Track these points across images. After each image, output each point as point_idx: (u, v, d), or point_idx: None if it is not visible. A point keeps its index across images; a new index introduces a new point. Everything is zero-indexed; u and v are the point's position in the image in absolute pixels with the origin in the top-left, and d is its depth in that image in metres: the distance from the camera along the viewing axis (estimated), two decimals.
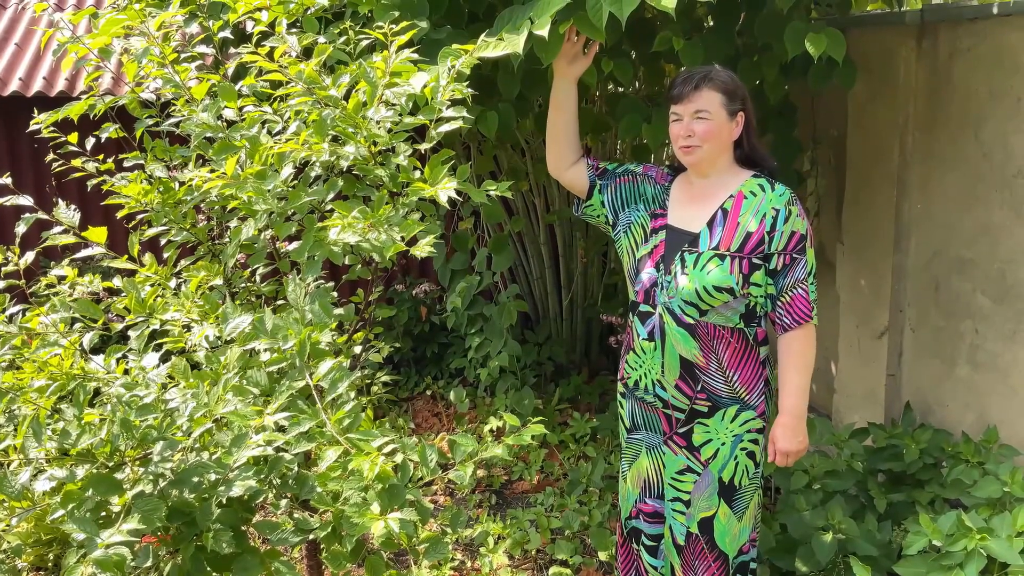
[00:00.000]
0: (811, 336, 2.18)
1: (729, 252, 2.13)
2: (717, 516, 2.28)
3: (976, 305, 2.85)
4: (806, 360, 2.19)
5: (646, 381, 2.27)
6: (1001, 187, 2.70)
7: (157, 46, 2.07)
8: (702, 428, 2.25)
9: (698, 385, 2.21)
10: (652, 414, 2.31)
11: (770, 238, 2.12)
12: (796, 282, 2.14)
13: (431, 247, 1.93)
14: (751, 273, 2.13)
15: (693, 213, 2.21)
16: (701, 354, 2.18)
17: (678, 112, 2.14)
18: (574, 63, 2.34)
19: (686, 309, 2.16)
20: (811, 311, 2.16)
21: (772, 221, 2.12)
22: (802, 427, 2.21)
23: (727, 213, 2.16)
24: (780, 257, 2.13)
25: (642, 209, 2.29)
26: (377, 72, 1.91)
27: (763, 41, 2.76)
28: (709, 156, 2.15)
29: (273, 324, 1.84)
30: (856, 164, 3.29)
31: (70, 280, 2.16)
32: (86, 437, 1.46)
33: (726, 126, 2.15)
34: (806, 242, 2.15)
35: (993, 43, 2.66)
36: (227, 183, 1.84)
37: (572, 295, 4.48)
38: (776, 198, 2.14)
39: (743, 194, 2.17)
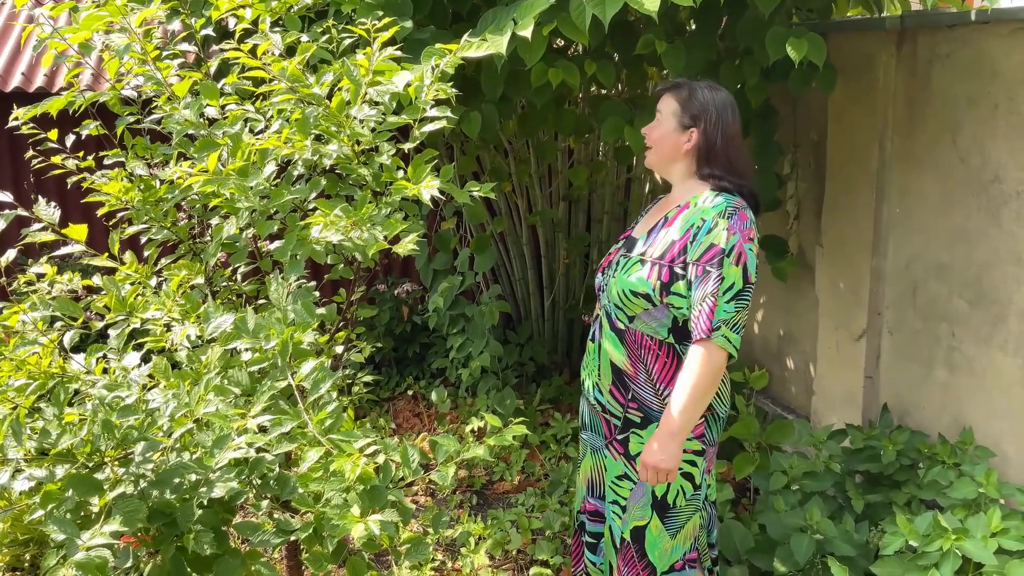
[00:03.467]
0: (709, 355, 2.01)
1: (651, 259, 2.12)
2: (649, 527, 2.23)
3: (953, 309, 2.89)
4: (696, 377, 2.01)
5: (588, 383, 2.31)
6: (978, 192, 2.73)
7: (139, 43, 2.06)
8: (637, 439, 2.20)
9: (629, 394, 2.19)
10: (596, 416, 2.32)
11: (691, 247, 2.06)
12: (705, 295, 2.01)
13: (414, 245, 1.93)
14: (671, 283, 2.07)
15: (649, 221, 2.24)
16: (628, 362, 2.17)
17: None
18: None
19: (616, 313, 2.19)
20: (710, 328, 1.99)
21: (696, 231, 2.06)
22: (673, 445, 2.05)
23: (667, 221, 2.15)
24: (694, 267, 2.04)
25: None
26: (360, 70, 1.91)
27: (745, 45, 2.78)
28: (657, 162, 2.20)
29: (255, 323, 1.84)
30: (836, 168, 3.32)
31: (49, 278, 2.14)
32: (66, 437, 1.45)
33: (672, 135, 2.14)
34: (724, 256, 2.01)
35: (971, 50, 2.70)
36: (209, 178, 1.83)
37: (554, 296, 4.49)
38: (709, 209, 2.07)
39: (688, 204, 2.14)
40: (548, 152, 4.10)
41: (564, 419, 3.95)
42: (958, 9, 2.88)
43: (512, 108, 3.17)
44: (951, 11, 2.76)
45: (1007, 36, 2.57)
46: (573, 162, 4.37)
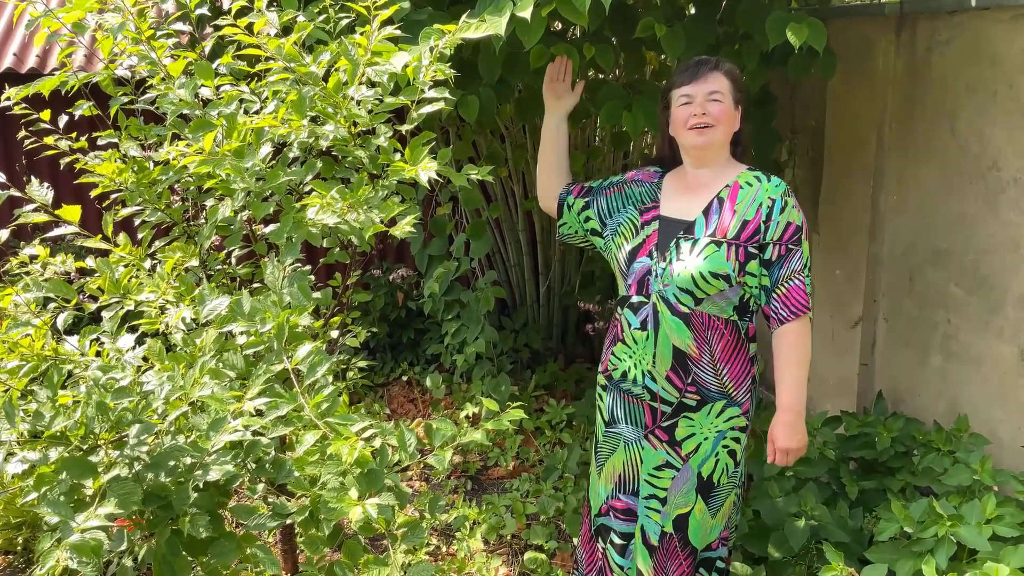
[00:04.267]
0: (807, 330, 2.16)
1: (726, 239, 2.12)
2: (693, 513, 2.27)
3: (950, 296, 2.89)
4: (803, 354, 2.15)
5: (635, 372, 2.25)
6: (976, 179, 2.73)
7: (133, 22, 2.03)
8: (687, 422, 2.24)
9: (689, 377, 2.20)
10: (636, 406, 2.29)
11: (766, 227, 2.11)
12: (792, 273, 2.12)
13: (411, 228, 1.91)
14: (747, 262, 2.12)
15: (687, 203, 2.20)
16: (694, 344, 2.17)
17: (690, 93, 2.13)
18: (562, 100, 2.40)
19: (681, 297, 2.15)
20: (808, 303, 2.14)
21: (768, 210, 2.12)
22: (801, 424, 2.18)
23: (723, 202, 2.16)
24: (776, 247, 2.12)
25: (631, 208, 2.29)
26: (358, 50, 1.89)
27: (744, 30, 2.76)
28: (720, 139, 2.16)
29: (251, 306, 1.82)
30: (833, 155, 3.31)
31: (42, 259, 2.12)
32: (60, 419, 1.43)
33: (733, 113, 2.16)
34: (801, 234, 2.14)
35: (971, 36, 2.69)
36: (204, 159, 1.81)
37: (549, 282, 4.48)
38: (772, 188, 2.15)
39: (739, 184, 2.17)
40: None
41: (559, 405, 3.95)
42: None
43: (510, 92, 3.14)
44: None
45: (1007, 22, 2.56)
46: (570, 148, 4.34)
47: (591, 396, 3.93)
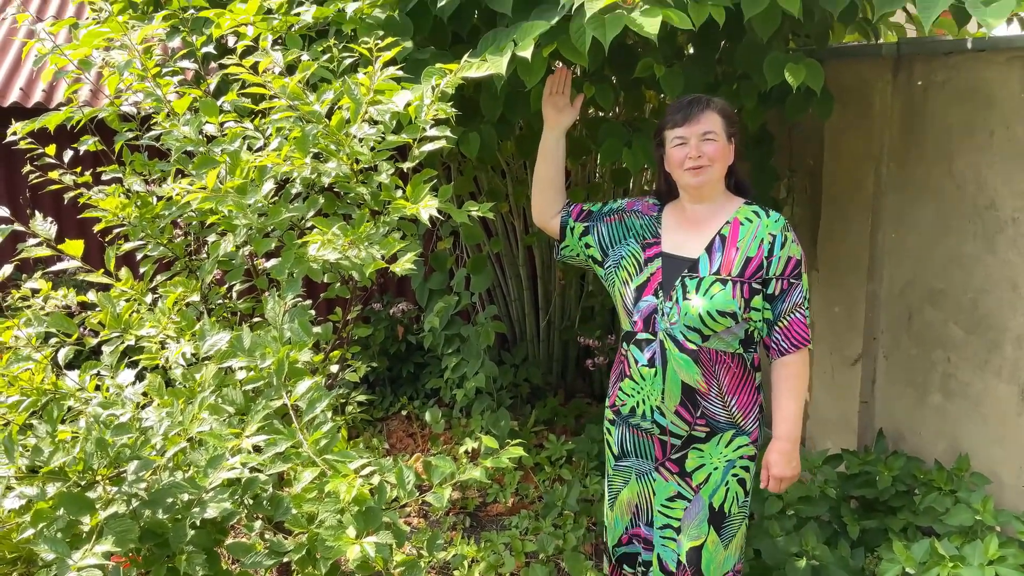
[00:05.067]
0: (806, 362, 2.20)
1: (730, 277, 2.14)
2: (705, 545, 2.28)
3: (948, 334, 2.89)
4: (801, 386, 2.20)
5: (644, 408, 2.26)
6: (973, 218, 2.74)
7: (139, 59, 2.06)
8: (696, 453, 2.25)
9: (698, 411, 2.21)
10: (645, 440, 2.30)
11: (768, 263, 2.15)
12: (794, 306, 2.16)
13: (411, 264, 1.92)
14: (751, 298, 2.15)
15: (689, 239, 2.22)
16: (703, 380, 2.18)
17: (683, 135, 2.16)
18: (562, 113, 2.41)
19: (688, 335, 2.16)
20: (808, 336, 2.18)
21: (770, 246, 2.15)
22: (796, 453, 2.21)
23: (725, 239, 2.18)
24: (778, 282, 2.15)
25: (632, 242, 2.29)
26: (361, 89, 1.91)
27: (742, 70, 2.79)
28: (716, 176, 2.19)
29: (251, 342, 1.82)
30: (831, 193, 3.33)
31: (44, 293, 2.12)
32: (59, 455, 1.43)
33: (727, 148, 2.19)
34: (801, 267, 2.18)
35: (967, 77, 2.72)
36: (208, 195, 1.83)
37: (550, 317, 4.48)
38: (772, 224, 2.18)
39: (739, 220, 2.19)
40: None
41: (559, 441, 3.93)
42: (954, 36, 2.90)
43: (511, 129, 3.17)
44: (947, 38, 2.79)
45: (1003, 64, 2.59)
46: (570, 183, 4.37)
47: (591, 432, 3.91)
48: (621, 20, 2.02)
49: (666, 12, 2.00)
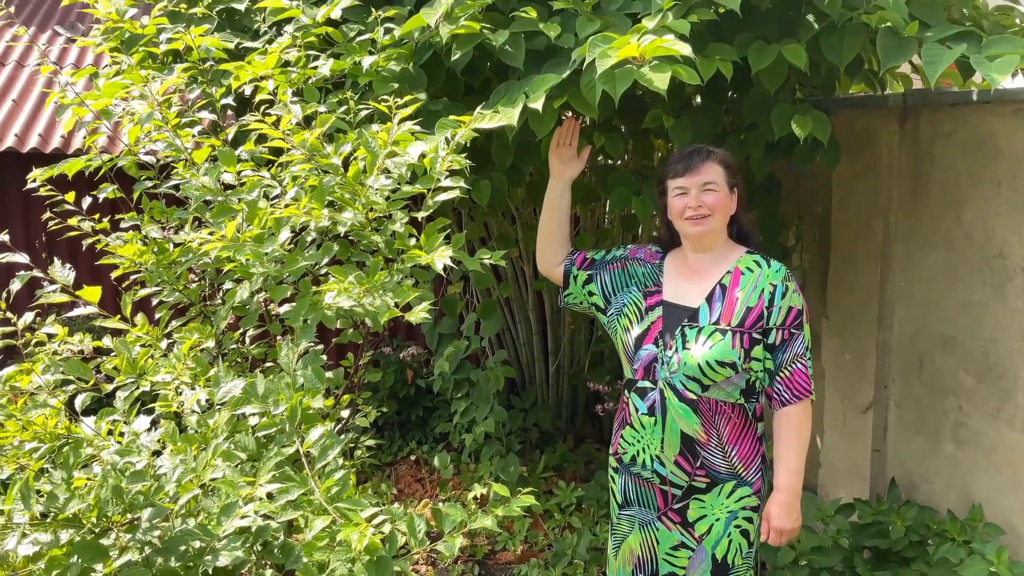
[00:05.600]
0: (808, 412, 2.18)
1: (730, 327, 2.15)
2: None
3: (960, 383, 2.88)
4: (804, 437, 2.18)
5: (644, 457, 2.26)
6: (982, 267, 2.75)
7: (160, 111, 2.11)
8: (698, 504, 2.24)
9: (697, 461, 2.20)
10: (647, 490, 2.29)
11: (768, 313, 2.15)
12: (795, 357, 2.16)
13: (425, 313, 1.94)
14: (752, 348, 2.15)
15: (690, 288, 2.23)
16: (702, 430, 2.18)
17: (683, 186, 2.19)
18: (568, 165, 2.45)
19: (688, 384, 2.17)
20: (810, 386, 2.17)
21: (770, 296, 2.15)
22: (797, 505, 2.19)
23: (725, 288, 2.19)
24: (779, 332, 2.15)
25: (634, 290, 2.31)
26: (379, 141, 1.95)
27: (750, 120, 2.83)
28: (717, 226, 2.20)
29: (265, 388, 1.84)
30: (840, 241, 3.35)
31: (60, 338, 2.15)
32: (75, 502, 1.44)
33: (728, 198, 2.21)
34: (803, 317, 2.18)
35: (974, 128, 2.75)
36: (226, 245, 1.86)
37: (559, 361, 4.48)
38: (773, 274, 2.19)
39: (740, 270, 2.20)
40: None
41: (568, 487, 3.91)
42: (960, 88, 2.95)
43: (521, 177, 3.22)
44: (953, 90, 2.82)
45: (1009, 116, 2.62)
46: (579, 229, 4.41)
47: (601, 478, 3.89)
48: (631, 75, 2.06)
49: (675, 68, 2.04)
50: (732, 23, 2.43)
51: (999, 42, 2.10)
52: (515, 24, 2.35)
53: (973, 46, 2.12)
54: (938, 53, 2.08)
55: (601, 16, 2.37)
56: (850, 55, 2.32)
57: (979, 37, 2.16)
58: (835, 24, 2.33)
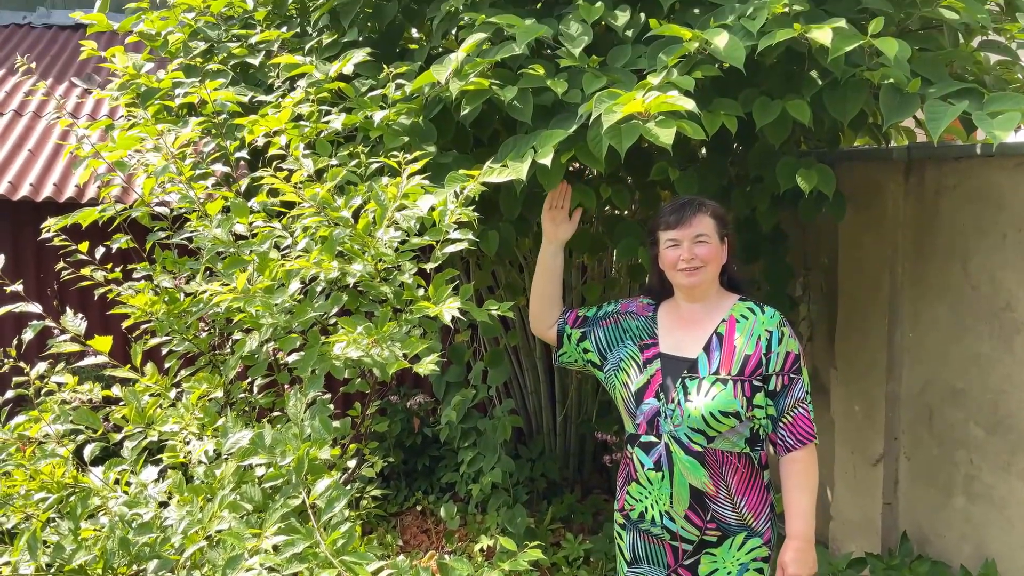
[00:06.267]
0: (814, 457, 2.18)
1: (730, 376, 2.15)
2: None
3: (970, 435, 2.87)
4: (812, 481, 2.17)
5: (653, 512, 2.23)
6: (990, 319, 2.75)
7: (175, 164, 2.15)
8: (709, 558, 2.21)
9: (708, 514, 2.18)
10: (656, 546, 2.26)
11: (767, 359, 2.15)
12: (796, 402, 2.16)
13: (434, 365, 1.95)
14: (753, 396, 2.15)
15: (686, 339, 2.24)
16: (711, 482, 2.16)
17: (675, 238, 2.20)
18: (560, 227, 2.48)
19: (693, 437, 2.16)
20: (813, 431, 2.17)
21: (767, 343, 2.16)
22: (811, 551, 2.17)
23: (722, 338, 2.19)
24: (779, 378, 2.16)
25: (630, 344, 2.30)
26: (388, 195, 1.98)
27: (755, 173, 2.86)
28: (709, 278, 2.22)
29: (272, 439, 1.85)
30: (847, 291, 3.36)
31: (70, 387, 2.16)
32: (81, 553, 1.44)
33: (720, 250, 2.22)
34: (800, 362, 2.19)
35: (978, 181, 2.77)
36: (237, 296, 1.88)
37: (566, 411, 4.46)
38: (768, 320, 2.20)
39: (735, 318, 2.21)
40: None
41: (576, 540, 3.86)
42: (963, 142, 2.98)
43: (529, 227, 3.25)
44: (957, 143, 2.85)
45: (1012, 169, 2.65)
46: (586, 279, 4.43)
47: (608, 530, 3.84)
48: (637, 130, 2.10)
49: (680, 123, 2.07)
50: (736, 78, 2.48)
51: (1000, 99, 2.13)
52: (523, 80, 2.39)
53: (975, 103, 2.15)
54: (941, 110, 2.12)
55: (607, 72, 2.41)
56: (853, 111, 2.35)
57: (981, 94, 2.19)
58: (838, 80, 2.37)
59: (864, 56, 2.32)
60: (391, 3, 2.98)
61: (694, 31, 2.26)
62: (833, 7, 2.48)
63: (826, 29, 2.15)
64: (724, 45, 2.18)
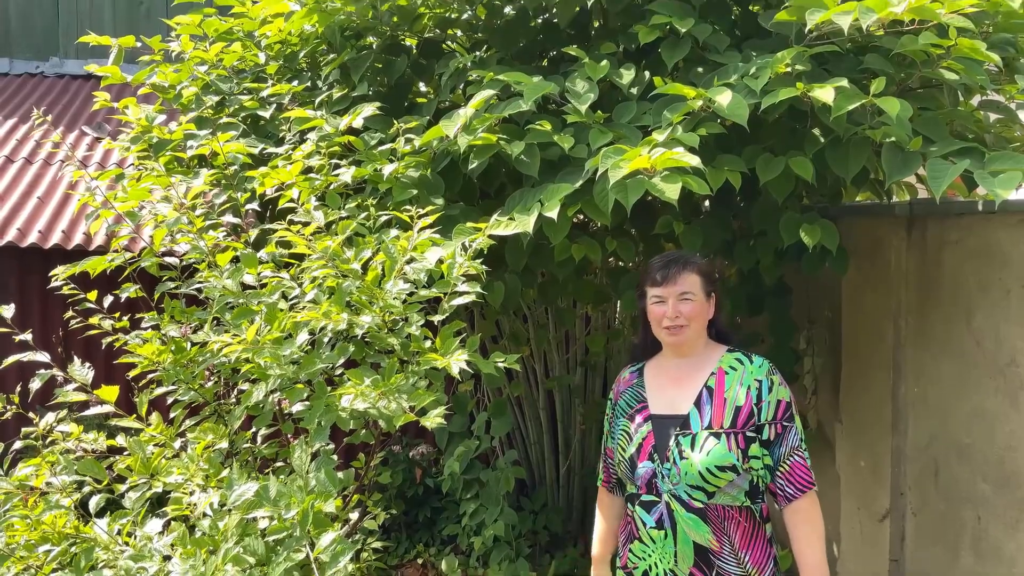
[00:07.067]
0: (816, 503, 2.16)
1: (723, 429, 2.14)
2: None
3: (977, 491, 2.84)
4: (818, 529, 2.15)
5: (657, 571, 2.20)
6: (995, 375, 2.75)
7: (188, 215, 2.18)
8: None
9: (712, 571, 2.15)
10: None
11: (758, 409, 2.15)
12: (792, 450, 2.15)
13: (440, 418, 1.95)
14: (748, 447, 2.13)
15: (676, 396, 2.22)
16: (714, 538, 2.14)
17: (661, 294, 2.20)
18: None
19: (693, 494, 2.14)
20: (812, 478, 2.16)
21: (757, 392, 2.16)
22: None
23: (712, 391, 2.19)
24: (771, 427, 2.15)
25: (622, 420, 2.29)
26: (399, 248, 2.01)
27: (759, 228, 2.89)
28: (694, 335, 2.22)
29: (277, 491, 1.84)
30: (851, 345, 3.36)
31: (75, 436, 2.16)
32: None
33: (706, 306, 2.23)
34: (792, 409, 2.18)
35: (980, 237, 2.79)
36: (246, 348, 1.89)
37: (570, 462, 4.44)
38: (757, 369, 2.19)
39: (723, 369, 2.21)
40: (567, 319, 4.17)
41: None
42: (964, 197, 3.01)
43: (534, 277, 3.27)
44: (958, 199, 2.88)
45: (1015, 226, 2.67)
46: (591, 329, 4.44)
47: None
48: (643, 185, 2.13)
49: (685, 179, 2.11)
50: (739, 134, 2.52)
51: (1001, 158, 2.17)
52: (530, 136, 2.43)
53: (976, 162, 2.19)
54: (943, 168, 2.15)
55: (612, 128, 2.45)
56: (856, 168, 2.39)
57: (982, 153, 2.23)
58: (840, 138, 2.41)
59: (866, 115, 2.36)
60: (400, 59, 3.05)
61: (698, 89, 2.30)
62: (834, 66, 2.53)
63: (828, 88, 2.19)
64: (728, 103, 2.22)
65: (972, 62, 2.33)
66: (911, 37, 2.30)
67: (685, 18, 2.57)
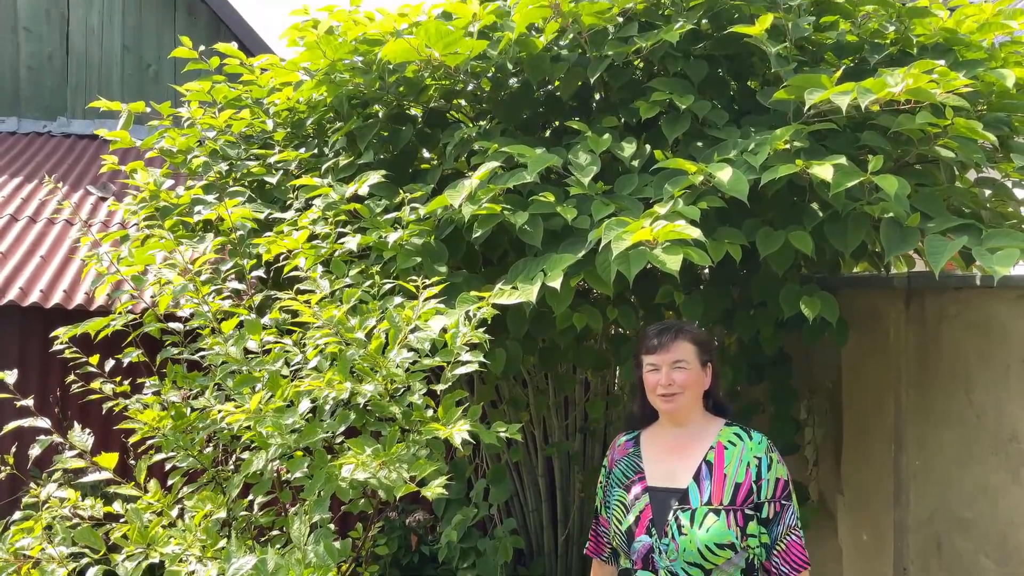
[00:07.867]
0: None
1: (723, 506, 2.12)
2: None
3: (980, 567, 2.81)
4: None
5: None
6: (996, 450, 2.74)
7: (194, 282, 2.19)
8: None
9: None
10: None
11: (758, 487, 2.13)
12: (788, 529, 2.14)
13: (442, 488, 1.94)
14: (746, 525, 2.11)
15: (674, 467, 2.20)
16: None
17: (655, 362, 2.20)
18: None
19: (690, 571, 2.11)
20: (807, 558, 2.15)
21: (757, 470, 2.14)
22: None
23: (711, 465, 2.17)
24: (770, 505, 2.13)
25: (617, 491, 2.26)
26: (403, 317, 2.02)
27: (759, 299, 2.91)
28: (688, 404, 2.21)
29: (275, 565, 1.82)
30: (852, 416, 3.36)
31: (71, 503, 2.14)
32: None
33: (700, 375, 2.22)
34: (790, 487, 2.17)
35: (979, 311, 2.81)
36: (249, 417, 1.89)
37: (568, 531, 4.38)
38: (756, 446, 2.18)
39: (722, 444, 2.19)
40: (566, 384, 4.16)
41: None
42: (962, 271, 3.04)
43: (534, 345, 3.28)
44: (956, 273, 2.91)
45: (1013, 301, 2.69)
46: (590, 395, 4.42)
47: None
48: (645, 257, 2.15)
49: (687, 250, 2.13)
50: (738, 207, 2.56)
51: (999, 235, 2.20)
52: (534, 207, 2.47)
53: (974, 238, 2.22)
54: (941, 245, 2.18)
55: (614, 200, 2.49)
56: (855, 243, 2.42)
57: (979, 229, 2.26)
58: (839, 213, 2.44)
59: (864, 191, 2.40)
60: (406, 128, 3.11)
61: (699, 165, 2.35)
62: (833, 143, 2.58)
63: (827, 166, 2.23)
64: (728, 179, 2.26)
65: (968, 140, 2.38)
66: (908, 116, 2.35)
67: (685, 94, 2.63)
